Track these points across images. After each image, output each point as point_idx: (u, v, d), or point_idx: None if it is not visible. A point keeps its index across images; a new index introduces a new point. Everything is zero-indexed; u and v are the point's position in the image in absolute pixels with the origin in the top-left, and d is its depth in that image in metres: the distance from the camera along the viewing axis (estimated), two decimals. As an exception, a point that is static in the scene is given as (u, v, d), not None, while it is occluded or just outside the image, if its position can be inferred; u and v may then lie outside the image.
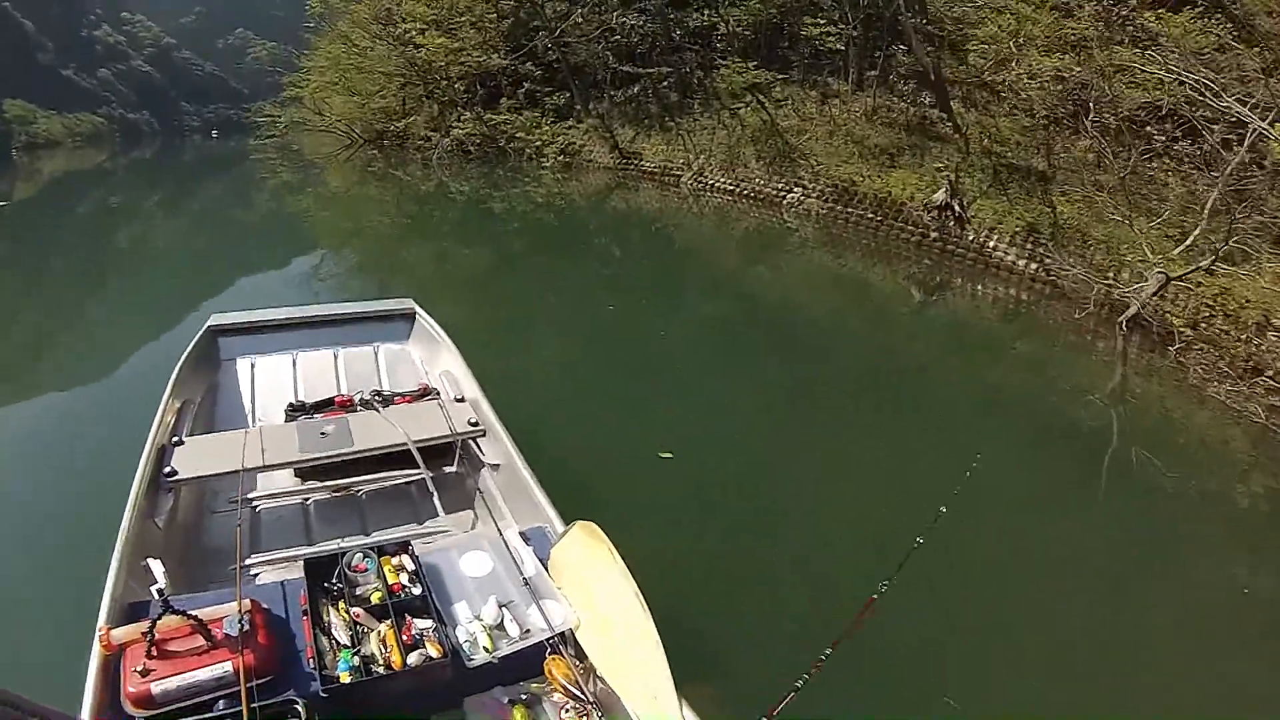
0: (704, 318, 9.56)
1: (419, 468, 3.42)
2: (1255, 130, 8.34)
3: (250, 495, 3.50)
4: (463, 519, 3.58)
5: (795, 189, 15.02)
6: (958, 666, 3.47)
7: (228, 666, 2.11)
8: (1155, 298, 8.52)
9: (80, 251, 14.13)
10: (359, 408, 3.89)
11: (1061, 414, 6.87)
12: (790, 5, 17.47)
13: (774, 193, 15.36)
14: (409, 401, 4.00)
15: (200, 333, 4.49)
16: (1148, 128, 11.19)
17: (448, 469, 3.82)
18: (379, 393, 4.05)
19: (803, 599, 3.81)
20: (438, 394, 4.12)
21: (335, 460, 3.44)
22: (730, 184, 16.36)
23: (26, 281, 11.35)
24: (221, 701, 2.08)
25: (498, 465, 3.68)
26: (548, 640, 2.46)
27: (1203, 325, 8.29)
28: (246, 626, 2.21)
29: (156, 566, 2.32)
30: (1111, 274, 9.71)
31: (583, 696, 2.33)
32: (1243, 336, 7.87)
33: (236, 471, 3.14)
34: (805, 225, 14.13)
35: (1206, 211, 8.84)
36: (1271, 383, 7.05)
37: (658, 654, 2.28)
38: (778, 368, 7.63)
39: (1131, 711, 3.33)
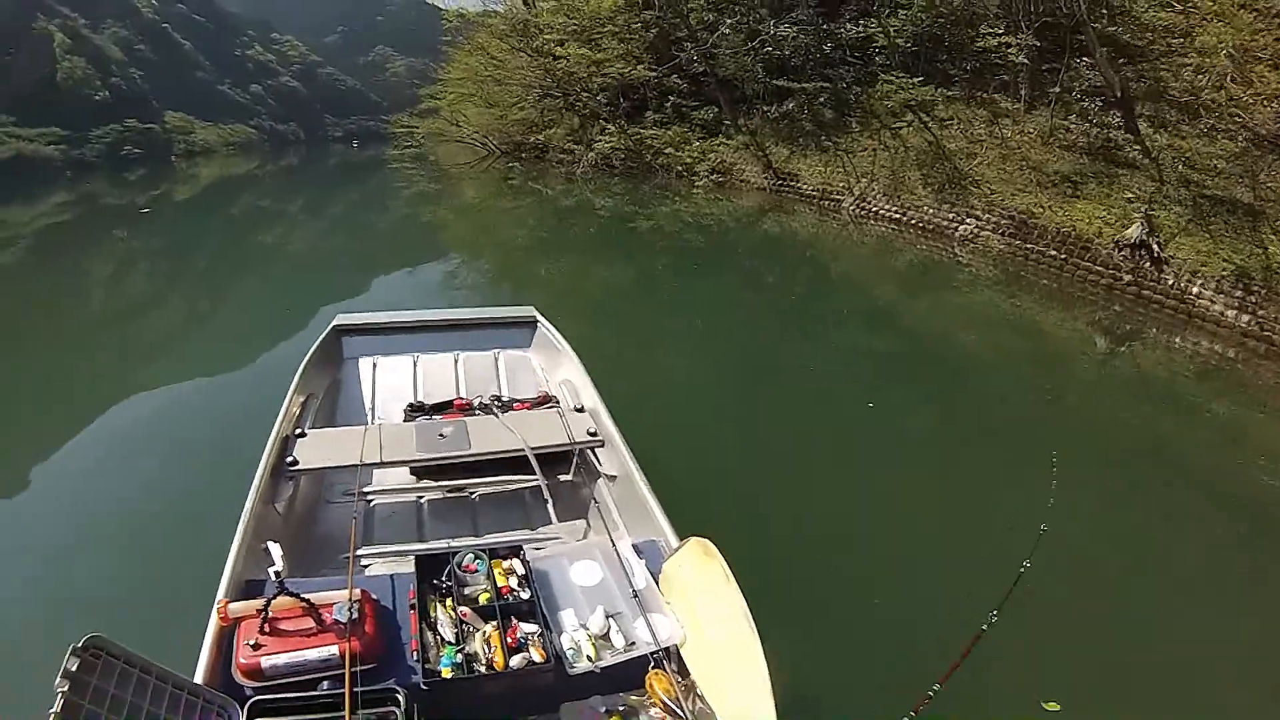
0: (852, 349, 9.51)
1: (534, 474, 3.54)
2: None
3: (366, 489, 3.76)
4: (575, 528, 3.72)
5: (968, 220, 14.70)
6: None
7: (334, 650, 2.30)
8: None
9: (225, 250, 15.91)
10: (477, 411, 4.10)
11: (1260, 488, 6.41)
12: (955, 14, 17.24)
13: (944, 223, 15.08)
14: (528, 408, 4.17)
15: (326, 331, 4.85)
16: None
17: (563, 477, 4.05)
18: (498, 398, 4.28)
19: (917, 632, 3.87)
20: (557, 402, 4.29)
21: (451, 461, 3.63)
22: (895, 211, 16.18)
23: (174, 277, 12.96)
24: (326, 682, 2.27)
25: (614, 476, 3.80)
26: (651, 654, 2.56)
27: None
28: (355, 614, 2.40)
29: (275, 549, 2.50)
30: None
31: (681, 714, 2.40)
32: None
33: (355, 465, 3.38)
34: (977, 260, 13.78)
35: None
36: None
37: (762, 678, 2.32)
38: (926, 408, 7.62)
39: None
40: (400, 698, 2.22)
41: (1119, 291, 11.71)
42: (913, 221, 15.74)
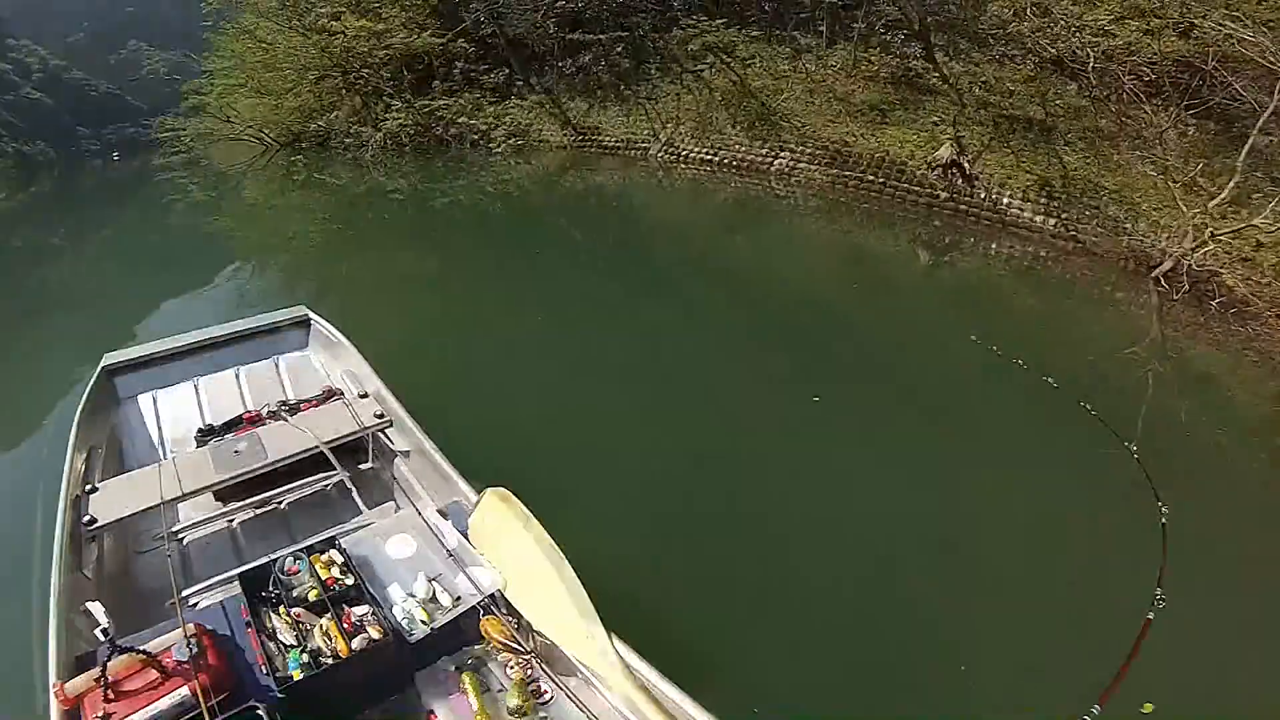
0: (669, 296, 9.32)
1: (335, 468, 3.67)
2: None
3: (175, 529, 3.65)
4: (385, 510, 3.71)
5: (783, 154, 14.54)
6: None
7: (185, 691, 2.29)
8: (1194, 250, 8.62)
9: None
10: (268, 420, 4.12)
11: (1082, 369, 6.88)
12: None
13: (758, 160, 14.88)
14: (315, 405, 4.23)
15: (95, 375, 4.58)
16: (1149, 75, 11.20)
17: (363, 465, 4.18)
18: (285, 402, 4.30)
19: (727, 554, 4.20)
20: (342, 394, 4.37)
21: (253, 475, 3.61)
22: (706, 153, 15.83)
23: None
24: None
25: (408, 452, 4.04)
26: (479, 604, 2.76)
27: (1232, 271, 8.46)
28: (195, 649, 2.39)
29: (97, 609, 2.41)
30: (1129, 225, 9.94)
31: (522, 649, 2.64)
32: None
33: (157, 506, 3.29)
34: (796, 192, 13.71)
35: (1241, 162, 8.84)
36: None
37: (582, 598, 2.60)
38: (743, 345, 7.48)
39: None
40: (261, 712, 2.24)
41: (938, 208, 12.09)
42: (725, 161, 15.48)
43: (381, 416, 3.97)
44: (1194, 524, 4.41)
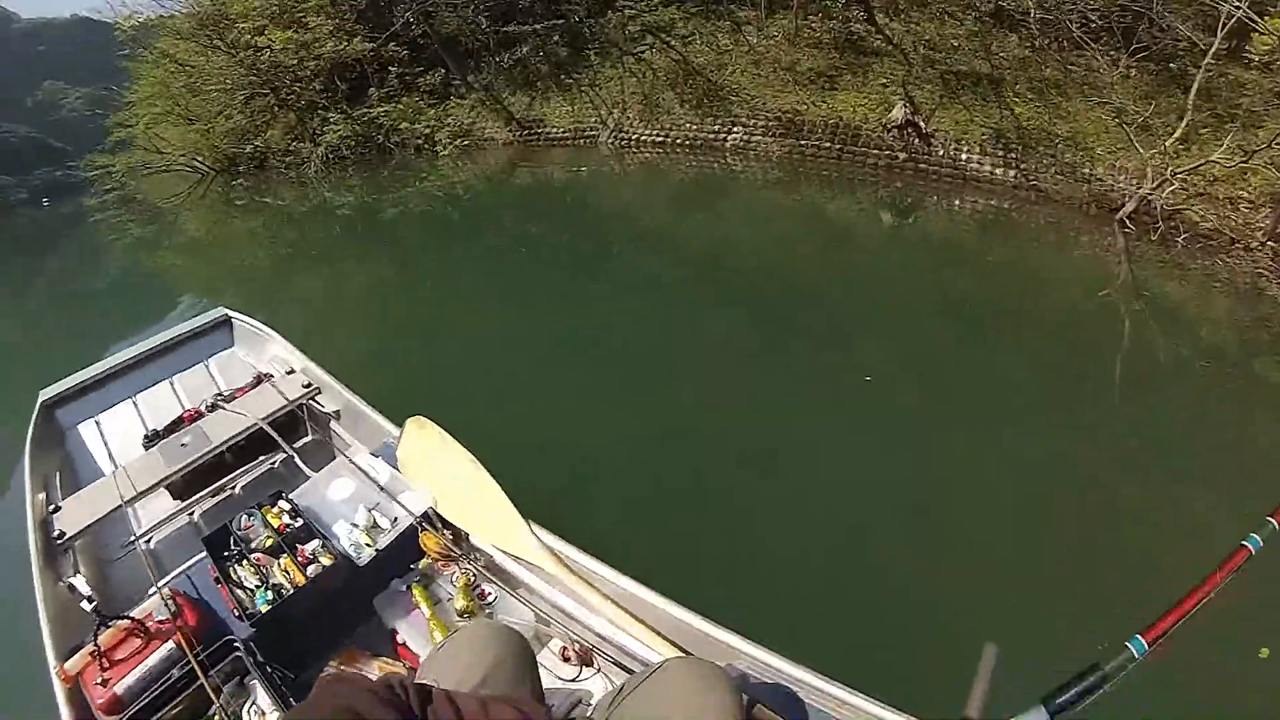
0: (631, 277, 9.50)
1: (277, 445, 3.90)
2: (1235, 17, 8.69)
3: (140, 533, 3.86)
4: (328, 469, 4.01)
5: (735, 129, 14.53)
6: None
7: (170, 645, 2.58)
8: (1156, 189, 8.86)
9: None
10: (206, 412, 4.38)
11: (1059, 313, 7.28)
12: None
13: (711, 137, 14.83)
14: (247, 391, 4.52)
15: (35, 411, 4.73)
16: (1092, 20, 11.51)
17: (304, 440, 4.50)
18: (220, 394, 4.58)
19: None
20: (272, 376, 4.68)
21: (202, 464, 3.85)
22: (657, 135, 15.73)
23: None
24: (175, 671, 2.52)
25: (338, 412, 4.39)
26: (415, 523, 3.06)
27: (1192, 206, 8.74)
28: (175, 608, 2.68)
29: (80, 582, 2.79)
30: (1087, 169, 10.15)
31: (459, 554, 2.96)
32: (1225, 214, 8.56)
33: (119, 507, 3.52)
34: (753, 166, 13.71)
35: (1191, 101, 9.12)
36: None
37: (502, 499, 2.92)
38: (710, 319, 7.54)
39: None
40: (238, 644, 2.57)
41: (898, 169, 12.20)
42: (678, 141, 15.41)
43: (309, 386, 4.34)
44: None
